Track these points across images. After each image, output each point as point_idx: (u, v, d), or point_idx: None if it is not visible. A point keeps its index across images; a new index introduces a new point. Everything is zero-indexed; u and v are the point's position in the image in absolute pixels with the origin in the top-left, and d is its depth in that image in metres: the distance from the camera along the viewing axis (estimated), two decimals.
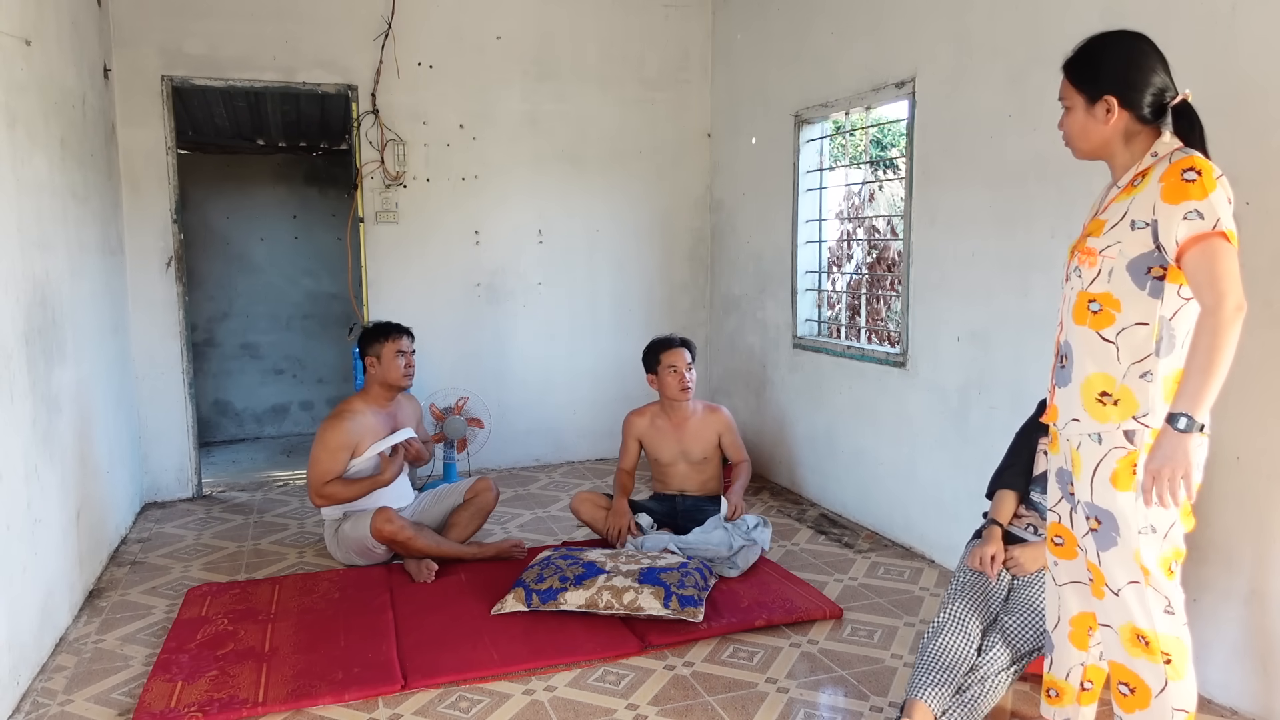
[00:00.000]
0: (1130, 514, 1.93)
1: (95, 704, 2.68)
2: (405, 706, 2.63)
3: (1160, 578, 1.93)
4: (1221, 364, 1.77)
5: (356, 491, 3.72)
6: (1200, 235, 1.79)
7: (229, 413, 6.78)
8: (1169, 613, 1.94)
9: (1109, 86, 1.97)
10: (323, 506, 3.77)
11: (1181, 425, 1.79)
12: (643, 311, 5.71)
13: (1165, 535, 1.92)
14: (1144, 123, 1.96)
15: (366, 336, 3.93)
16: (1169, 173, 1.85)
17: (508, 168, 5.33)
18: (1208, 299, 1.79)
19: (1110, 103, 1.97)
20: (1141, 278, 1.91)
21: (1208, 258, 1.79)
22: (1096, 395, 1.97)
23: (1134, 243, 1.91)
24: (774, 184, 4.98)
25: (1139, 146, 1.98)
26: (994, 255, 3.44)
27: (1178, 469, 1.79)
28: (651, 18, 5.54)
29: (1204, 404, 1.78)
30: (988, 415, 3.50)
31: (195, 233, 6.32)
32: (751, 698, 2.67)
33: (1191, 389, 1.78)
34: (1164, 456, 1.81)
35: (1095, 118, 1.99)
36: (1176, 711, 1.95)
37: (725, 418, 4.08)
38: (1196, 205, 1.80)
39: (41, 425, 3.04)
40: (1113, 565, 1.98)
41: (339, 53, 4.95)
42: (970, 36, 3.52)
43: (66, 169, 3.54)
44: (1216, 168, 1.84)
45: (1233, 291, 1.77)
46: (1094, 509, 1.99)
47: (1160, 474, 1.81)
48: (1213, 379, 1.77)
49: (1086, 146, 2.05)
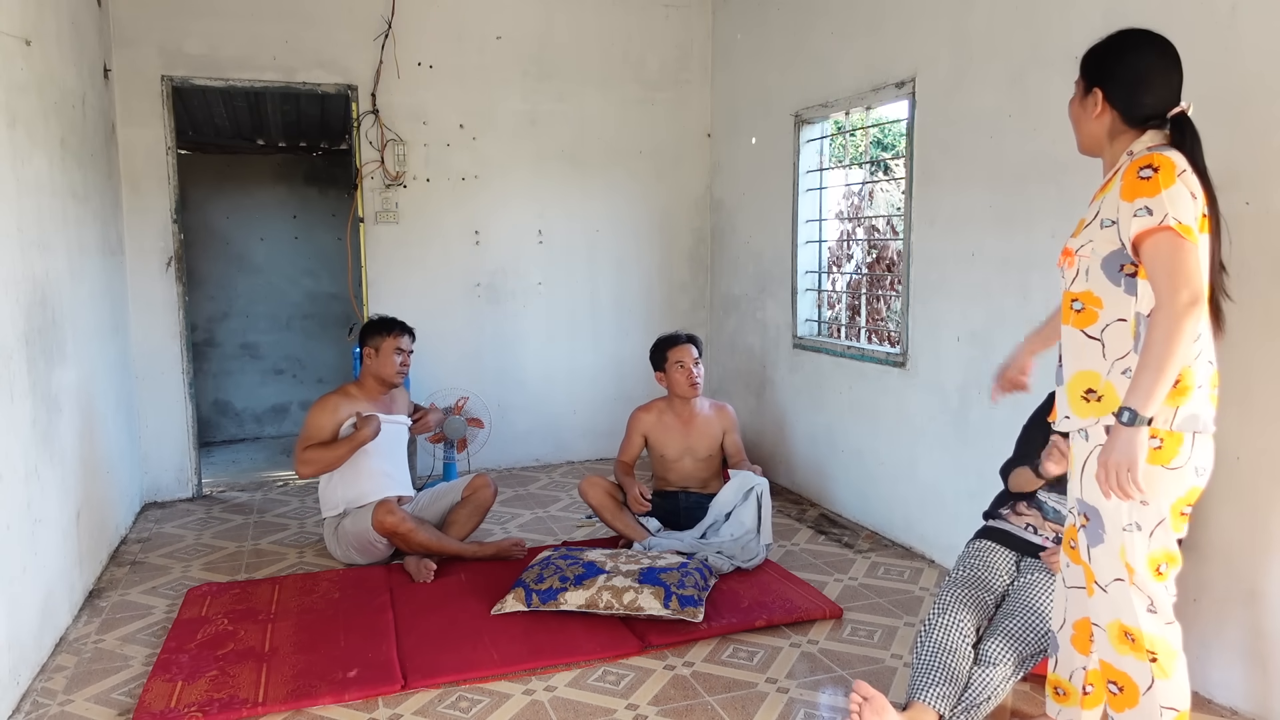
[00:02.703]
0: (1114, 511, 1.94)
1: (95, 704, 2.68)
2: (405, 706, 2.63)
3: (1145, 578, 1.93)
4: (1173, 359, 1.77)
5: (338, 454, 3.68)
6: (1148, 230, 1.81)
7: (229, 413, 6.78)
8: (1151, 611, 1.93)
9: (1099, 80, 2.00)
10: (306, 475, 3.72)
11: (1125, 419, 1.81)
12: (643, 311, 5.71)
13: (1151, 534, 1.92)
14: (1131, 125, 1.97)
15: (370, 327, 3.94)
16: (1128, 170, 1.88)
17: (508, 168, 5.33)
18: (1160, 293, 1.80)
19: (1097, 96, 2.00)
20: (1115, 275, 1.93)
21: (1157, 252, 1.80)
22: (1082, 393, 1.99)
23: (1104, 241, 1.93)
24: (774, 184, 4.98)
25: (1121, 145, 2.00)
26: (994, 255, 3.44)
27: (1122, 462, 1.81)
28: (651, 18, 5.54)
29: (1154, 399, 1.79)
30: (988, 415, 3.50)
31: (195, 233, 6.32)
32: (751, 698, 2.67)
33: (1142, 384, 1.79)
34: (1110, 449, 1.83)
35: (1085, 109, 2.04)
36: (1165, 710, 1.94)
37: (731, 416, 4.10)
38: (1147, 201, 1.81)
39: (41, 425, 3.04)
40: (1100, 561, 1.99)
41: (339, 53, 4.95)
42: (970, 36, 3.52)
43: (66, 169, 3.54)
44: (1180, 164, 1.83)
45: (1185, 285, 1.77)
46: (1083, 505, 2.01)
47: (1106, 466, 1.83)
48: (1164, 374, 1.78)
49: (1078, 137, 2.09)
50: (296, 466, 3.72)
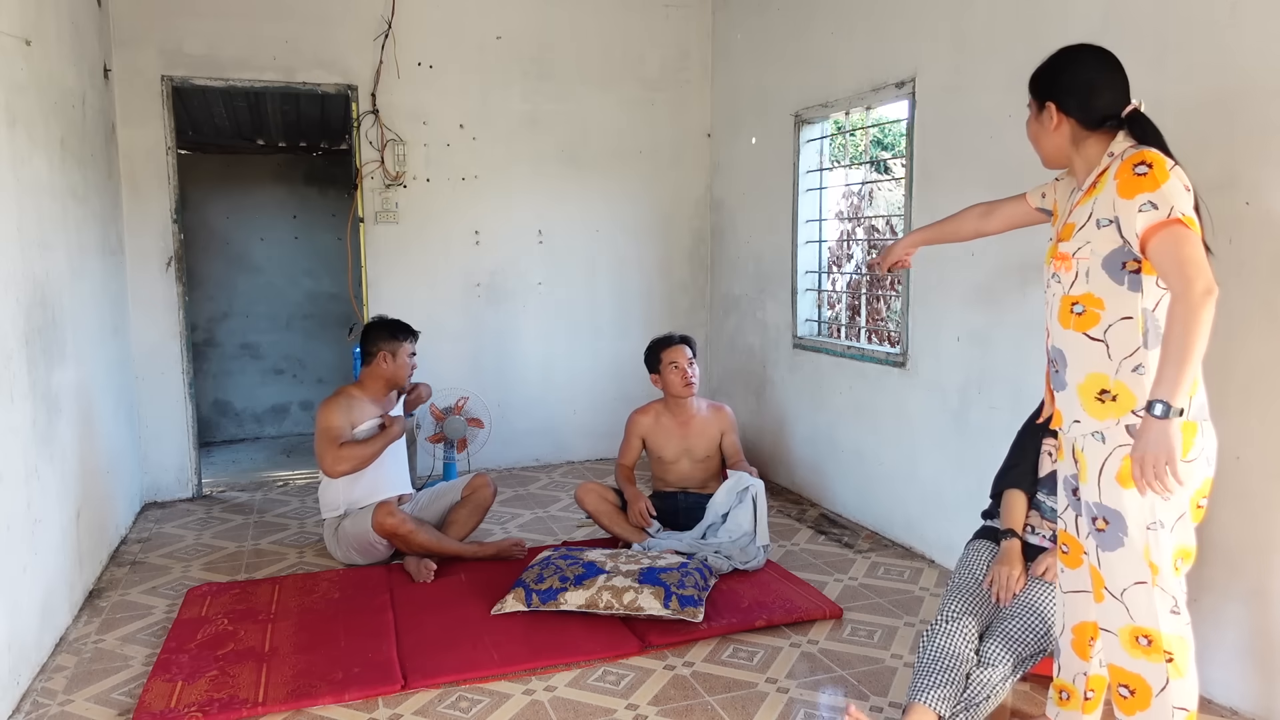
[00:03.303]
0: (1137, 510, 1.93)
1: (95, 704, 2.68)
2: (405, 706, 2.64)
3: (1169, 575, 1.93)
4: (1195, 348, 1.78)
5: (373, 450, 3.71)
6: (1158, 224, 1.82)
7: (229, 413, 6.78)
8: (1175, 613, 1.94)
9: (1049, 94, 2.06)
10: (343, 471, 3.68)
11: (1158, 411, 1.80)
12: (643, 311, 5.71)
13: (1172, 529, 1.92)
14: (1088, 129, 2.02)
15: (383, 331, 3.91)
16: (1121, 169, 1.90)
17: (508, 168, 5.33)
18: (1176, 285, 1.81)
19: (1050, 109, 2.06)
20: (1118, 273, 1.94)
21: (1169, 245, 1.81)
22: (1096, 394, 1.98)
23: (1103, 240, 1.94)
24: (774, 184, 4.98)
25: (1092, 151, 2.03)
26: (994, 255, 3.44)
27: (1160, 455, 1.80)
28: (651, 18, 5.54)
29: (1181, 389, 1.79)
30: (988, 415, 3.50)
31: (195, 233, 6.32)
32: (751, 698, 2.67)
33: (1168, 375, 1.80)
34: (1145, 443, 1.83)
35: (1043, 124, 2.10)
36: (1177, 710, 1.94)
37: (729, 417, 4.10)
38: (1150, 196, 1.83)
39: (41, 425, 3.04)
40: (1115, 567, 1.98)
41: (339, 53, 4.95)
42: (970, 36, 3.52)
43: (66, 169, 3.54)
44: (1169, 159, 1.87)
45: (1200, 275, 1.78)
46: (1102, 509, 1.99)
47: (1144, 461, 1.83)
48: (1188, 364, 1.78)
49: (1041, 152, 2.15)
50: (329, 465, 3.67)
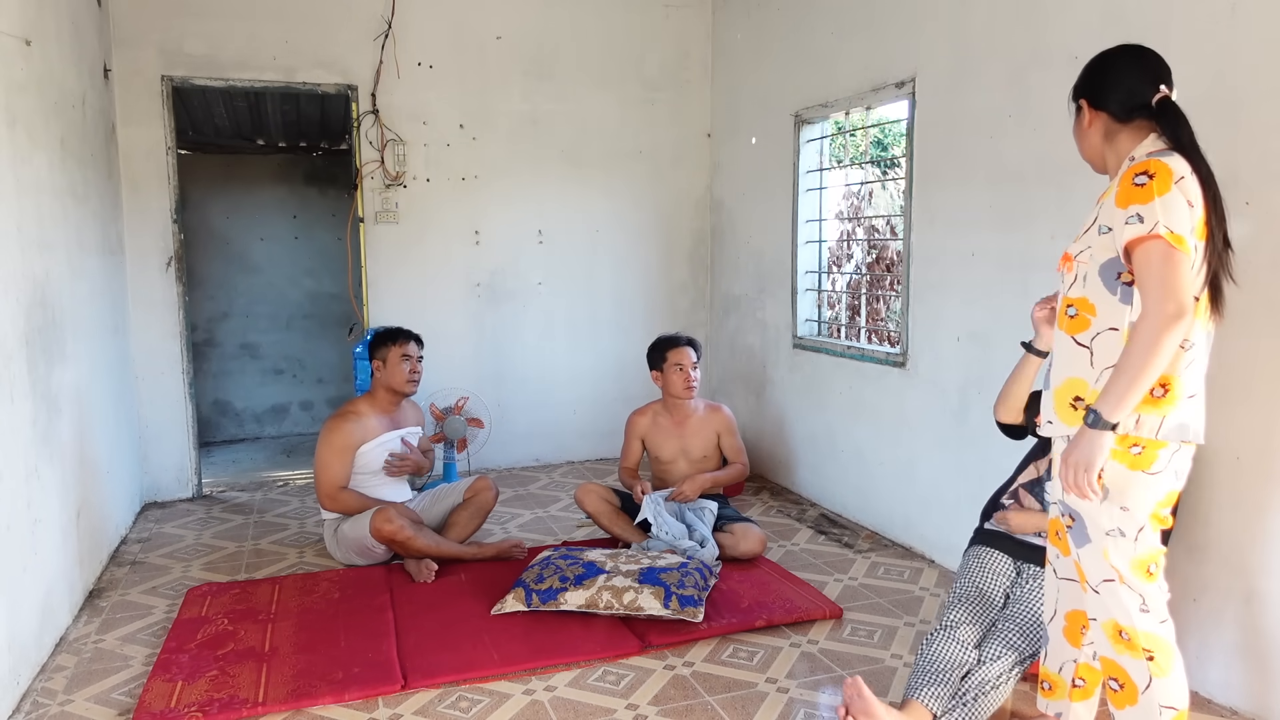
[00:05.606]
0: (1097, 516, 1.94)
1: (95, 704, 2.68)
2: (405, 706, 2.64)
3: (1134, 578, 1.93)
4: (1150, 369, 1.77)
5: (367, 505, 3.74)
6: (1138, 239, 1.80)
7: (229, 413, 6.78)
8: (1144, 610, 1.93)
9: (1081, 91, 2.06)
10: (332, 510, 3.79)
11: (1089, 420, 1.82)
12: (643, 311, 5.71)
13: (1135, 539, 1.91)
14: (1120, 121, 1.98)
15: (376, 340, 3.94)
16: (1124, 177, 1.87)
17: (508, 168, 5.33)
18: (1146, 302, 1.80)
19: (1084, 106, 2.05)
20: (1112, 283, 1.91)
21: (1145, 261, 1.80)
22: (1070, 400, 1.98)
23: (1101, 248, 1.92)
24: (774, 184, 4.98)
25: (1124, 148, 1.99)
26: (994, 255, 3.44)
27: (1080, 463, 1.83)
28: (651, 18, 5.54)
29: (1123, 406, 1.79)
30: (988, 415, 3.48)
31: (195, 233, 6.33)
32: (751, 698, 2.67)
33: (1114, 390, 1.80)
34: (1071, 449, 1.86)
35: (1080, 123, 2.08)
36: (1164, 709, 1.94)
37: (726, 417, 4.09)
38: (1139, 209, 1.80)
39: (41, 425, 3.04)
40: (1088, 561, 2.00)
41: (339, 53, 4.95)
42: (970, 36, 3.52)
43: (66, 169, 3.54)
44: (1179, 171, 1.81)
45: (1171, 297, 1.75)
46: (1065, 507, 2.02)
47: (1066, 464, 1.86)
48: (1139, 383, 1.78)
49: (1083, 154, 2.12)
50: (322, 500, 3.79)
